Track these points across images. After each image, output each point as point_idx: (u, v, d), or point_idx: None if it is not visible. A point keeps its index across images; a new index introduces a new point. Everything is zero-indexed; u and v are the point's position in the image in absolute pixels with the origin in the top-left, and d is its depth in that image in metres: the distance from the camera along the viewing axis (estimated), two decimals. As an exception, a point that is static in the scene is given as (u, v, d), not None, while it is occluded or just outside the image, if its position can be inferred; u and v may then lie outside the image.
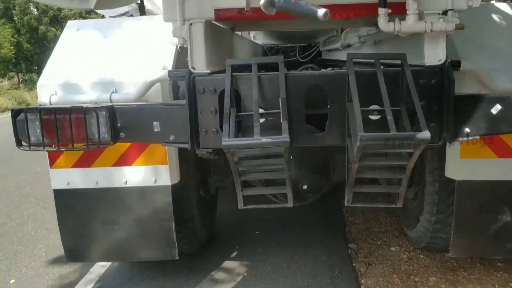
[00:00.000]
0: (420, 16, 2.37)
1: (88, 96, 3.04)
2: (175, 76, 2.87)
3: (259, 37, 7.33)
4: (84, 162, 3.37)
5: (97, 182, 3.39)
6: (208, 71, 2.55)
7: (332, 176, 4.20)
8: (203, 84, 2.51)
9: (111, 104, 2.61)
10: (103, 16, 5.27)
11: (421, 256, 4.17)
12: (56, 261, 4.51)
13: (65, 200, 3.44)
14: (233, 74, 2.47)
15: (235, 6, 2.54)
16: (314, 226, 4.95)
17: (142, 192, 3.40)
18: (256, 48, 6.88)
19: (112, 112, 2.57)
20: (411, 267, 4.01)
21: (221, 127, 2.49)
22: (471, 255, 3.83)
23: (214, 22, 2.73)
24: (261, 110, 2.47)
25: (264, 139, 2.14)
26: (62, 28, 4.53)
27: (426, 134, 2.06)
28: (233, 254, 4.41)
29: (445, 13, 2.39)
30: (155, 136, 2.61)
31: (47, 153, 3.33)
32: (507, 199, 3.28)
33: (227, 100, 2.33)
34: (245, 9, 2.49)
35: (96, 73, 3.21)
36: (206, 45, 2.53)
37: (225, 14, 2.54)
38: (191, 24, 2.51)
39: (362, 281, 3.83)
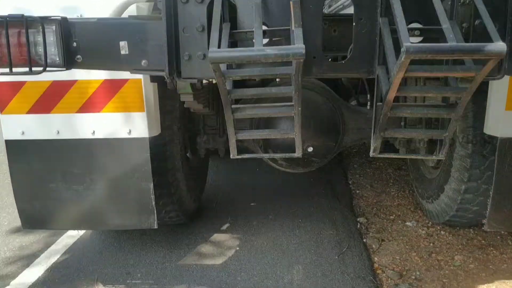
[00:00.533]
0: None
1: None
2: None
3: None
4: (42, 107, 2.74)
5: (58, 131, 2.76)
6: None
7: (341, 138, 3.60)
8: (187, -11, 1.86)
9: (64, 16, 1.95)
10: None
11: (442, 232, 3.59)
12: (20, 230, 3.89)
13: (19, 153, 2.81)
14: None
15: None
16: (317, 198, 4.34)
17: (114, 145, 2.78)
18: None
19: (66, 27, 1.91)
20: (431, 244, 3.44)
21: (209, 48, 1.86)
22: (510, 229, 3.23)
23: None
24: (263, 27, 1.83)
25: (270, 50, 1.50)
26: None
27: (500, 46, 1.44)
28: (224, 227, 3.82)
29: None
30: (122, 60, 1.96)
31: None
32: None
33: (217, 4, 1.69)
34: None
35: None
36: None
37: None
38: None
39: (376, 259, 3.26)
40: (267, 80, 2.98)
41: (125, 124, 2.75)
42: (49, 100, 2.72)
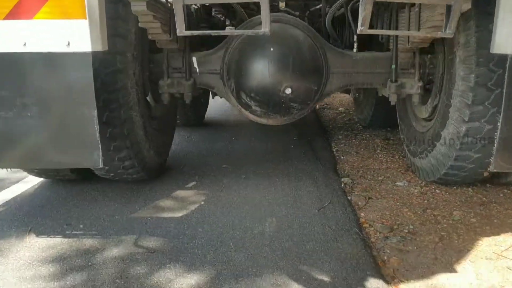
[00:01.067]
0: None
1: None
2: None
3: None
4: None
5: (-20, 42, 2.28)
6: None
7: (324, 82, 3.17)
8: None
9: None
10: None
11: (437, 190, 3.15)
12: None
13: None
14: None
15: None
16: (297, 161, 3.88)
17: (49, 60, 2.30)
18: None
19: None
20: (425, 201, 2.99)
21: None
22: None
23: None
24: None
25: None
26: None
27: None
28: (190, 185, 3.34)
29: None
30: None
31: None
32: None
33: None
34: None
35: None
36: None
37: None
38: None
39: (362, 214, 2.80)
40: None
41: (63, 34, 2.27)
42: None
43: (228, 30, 3.95)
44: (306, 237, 2.47)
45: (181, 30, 1.63)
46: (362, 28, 1.66)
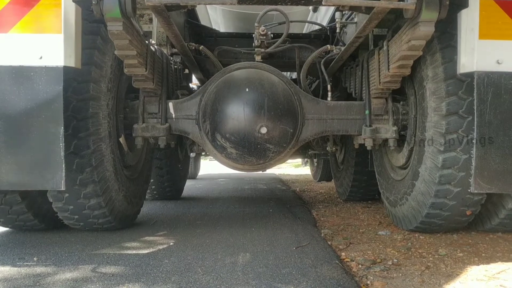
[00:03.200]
0: None
1: None
2: None
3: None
4: None
5: (-49, 55, 2.26)
6: None
7: (300, 126, 3.17)
8: None
9: None
10: None
11: (421, 237, 2.99)
12: None
13: None
14: None
15: None
16: (276, 217, 3.71)
17: (19, 73, 2.28)
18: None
19: None
20: (409, 243, 2.82)
21: None
22: (502, 190, 2.59)
23: None
24: None
25: None
26: None
27: None
28: (160, 232, 3.12)
29: None
30: None
31: None
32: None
33: None
34: None
35: None
36: None
37: None
38: None
39: (343, 253, 2.61)
40: None
41: (37, 48, 2.28)
42: None
43: None
44: (282, 264, 2.27)
45: None
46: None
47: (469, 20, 2.33)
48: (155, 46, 3.14)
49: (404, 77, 2.93)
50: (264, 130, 2.98)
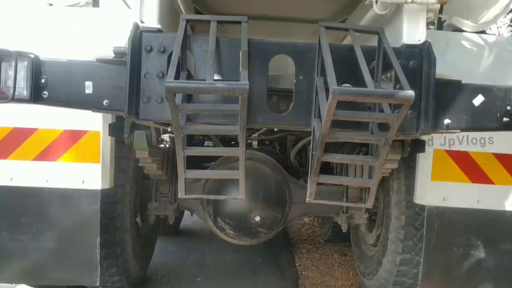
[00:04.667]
0: (401, -12, 2.16)
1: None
2: (120, 52, 2.49)
3: None
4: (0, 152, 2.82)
5: (11, 178, 2.82)
6: (159, 27, 2.20)
7: (287, 211, 3.78)
8: (152, 41, 2.13)
9: (37, 55, 2.17)
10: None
11: (384, 308, 3.66)
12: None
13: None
14: (187, 33, 2.13)
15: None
16: (264, 276, 4.37)
17: (66, 195, 2.85)
18: None
19: (37, 64, 2.12)
20: (372, 318, 3.50)
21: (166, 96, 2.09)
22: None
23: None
24: (216, 77, 2.10)
25: (219, 83, 1.75)
26: None
27: (409, 93, 1.74)
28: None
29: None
30: (85, 99, 2.16)
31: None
32: (480, 231, 2.95)
33: (176, 50, 1.95)
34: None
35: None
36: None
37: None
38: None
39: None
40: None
41: (79, 174, 2.85)
42: (7, 146, 2.82)
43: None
44: None
45: (182, 194, 2.22)
46: (309, 199, 2.27)
47: (424, 164, 2.94)
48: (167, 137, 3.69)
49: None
50: (258, 218, 3.59)
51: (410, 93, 1.73)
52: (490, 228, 2.94)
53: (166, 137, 3.61)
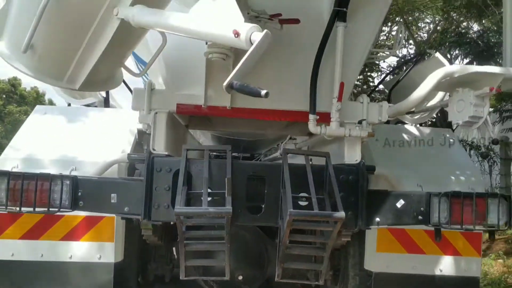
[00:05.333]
0: (341, 124, 2.98)
1: (48, 171, 3.32)
2: (133, 159, 3.26)
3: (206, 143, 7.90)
4: (33, 234, 3.52)
5: (42, 255, 3.52)
6: (166, 153, 2.98)
7: (266, 269, 4.52)
8: (161, 164, 2.91)
9: (75, 175, 2.92)
10: (69, 104, 5.65)
11: None
12: None
13: (7, 271, 3.50)
14: (188, 157, 2.90)
15: (194, 103, 3.07)
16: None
17: (85, 267, 3.55)
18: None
19: (75, 182, 2.87)
20: None
21: (171, 203, 2.86)
22: None
23: (174, 114, 3.21)
24: (208, 190, 2.87)
25: (211, 209, 2.53)
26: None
27: (341, 214, 2.54)
28: None
29: (360, 122, 3.03)
30: (111, 207, 2.91)
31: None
32: (416, 292, 3.73)
33: (181, 178, 2.73)
34: (202, 106, 3.02)
35: (58, 151, 3.55)
36: (166, 132, 3.00)
37: (185, 108, 3.06)
38: (156, 113, 2.99)
39: None
40: None
41: (97, 251, 3.57)
42: (39, 229, 3.52)
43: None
44: None
45: (183, 276, 2.95)
46: (277, 279, 3.03)
47: (370, 238, 3.72)
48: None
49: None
50: (240, 277, 4.32)
51: (342, 214, 2.53)
52: (423, 289, 3.74)
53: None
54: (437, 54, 4.44)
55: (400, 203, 3.00)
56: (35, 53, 2.32)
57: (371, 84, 13.20)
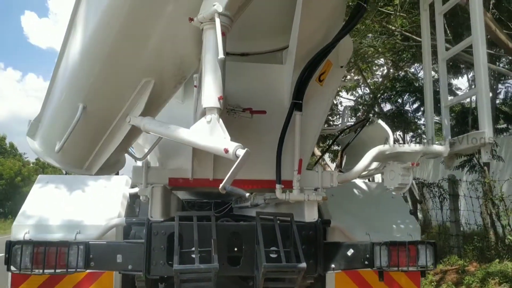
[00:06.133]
0: (301, 190, 3.76)
1: (55, 235, 3.95)
2: (130, 223, 3.93)
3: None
4: (44, 289, 4.09)
5: (50, 309, 4.08)
6: (162, 219, 3.67)
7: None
8: (158, 228, 3.61)
9: (88, 241, 3.58)
10: (66, 173, 6.21)
11: None
12: None
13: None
14: (180, 222, 3.60)
15: (182, 176, 3.79)
16: None
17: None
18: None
19: (88, 246, 3.53)
20: None
21: (167, 260, 3.54)
22: None
23: (166, 186, 3.92)
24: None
25: (202, 266, 3.24)
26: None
27: (303, 265, 3.30)
28: None
29: (316, 189, 3.82)
30: (117, 265, 3.56)
31: (10, 281, 4.04)
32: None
33: (176, 241, 3.43)
34: (190, 179, 3.74)
35: (62, 217, 4.17)
36: (161, 201, 3.70)
37: (176, 181, 3.77)
38: (153, 187, 3.69)
39: None
40: None
41: (98, 302, 4.16)
42: (48, 285, 4.08)
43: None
44: None
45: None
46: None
47: (330, 280, 4.42)
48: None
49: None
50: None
51: (304, 265, 3.28)
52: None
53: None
54: (380, 121, 5.34)
55: (350, 252, 3.78)
56: (63, 151, 3.01)
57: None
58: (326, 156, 15.31)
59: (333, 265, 3.77)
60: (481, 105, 3.37)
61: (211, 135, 2.42)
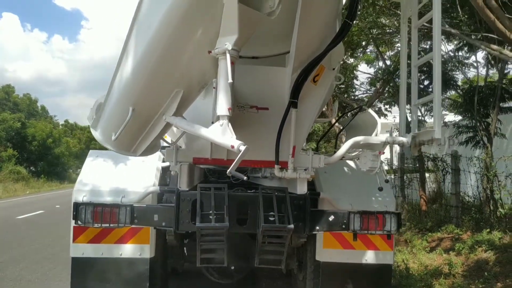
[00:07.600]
0: (295, 169, 4.84)
1: (106, 198, 5.16)
2: (163, 190, 5.11)
3: None
4: (96, 240, 5.34)
5: (102, 253, 5.33)
6: (187, 189, 4.83)
7: (250, 261, 6.39)
8: (184, 196, 4.78)
9: (132, 204, 4.78)
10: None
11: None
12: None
13: (79, 264, 5.32)
14: (201, 192, 4.76)
15: (203, 156, 4.91)
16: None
17: (131, 262, 5.37)
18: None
19: (133, 208, 4.73)
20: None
21: (191, 219, 4.71)
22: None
23: (191, 163, 5.05)
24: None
25: (217, 224, 4.41)
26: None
27: (291, 226, 4.43)
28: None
29: (306, 169, 4.90)
30: (154, 222, 4.76)
31: (72, 232, 5.29)
32: (350, 275, 5.60)
33: (198, 205, 4.59)
34: (209, 159, 4.86)
35: (111, 185, 5.37)
36: (187, 175, 4.85)
37: (198, 160, 4.90)
38: (181, 164, 4.83)
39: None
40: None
41: (138, 250, 5.39)
42: (100, 237, 5.33)
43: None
44: None
45: (199, 263, 4.79)
46: (256, 265, 4.90)
47: (318, 239, 5.55)
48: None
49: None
50: (233, 267, 6.17)
51: (291, 226, 4.41)
52: (354, 273, 5.61)
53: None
54: (370, 110, 6.35)
55: (331, 218, 4.90)
56: (117, 139, 4.14)
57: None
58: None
59: (317, 227, 4.89)
60: (435, 109, 4.35)
61: (223, 135, 3.49)
